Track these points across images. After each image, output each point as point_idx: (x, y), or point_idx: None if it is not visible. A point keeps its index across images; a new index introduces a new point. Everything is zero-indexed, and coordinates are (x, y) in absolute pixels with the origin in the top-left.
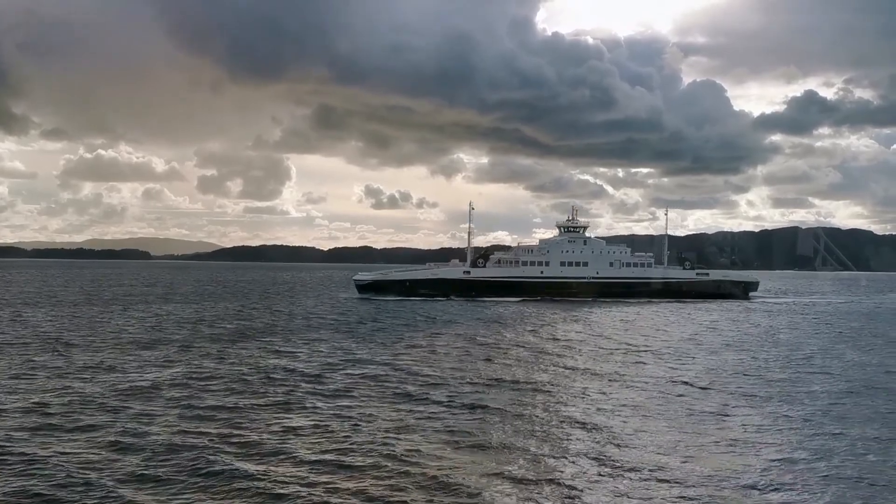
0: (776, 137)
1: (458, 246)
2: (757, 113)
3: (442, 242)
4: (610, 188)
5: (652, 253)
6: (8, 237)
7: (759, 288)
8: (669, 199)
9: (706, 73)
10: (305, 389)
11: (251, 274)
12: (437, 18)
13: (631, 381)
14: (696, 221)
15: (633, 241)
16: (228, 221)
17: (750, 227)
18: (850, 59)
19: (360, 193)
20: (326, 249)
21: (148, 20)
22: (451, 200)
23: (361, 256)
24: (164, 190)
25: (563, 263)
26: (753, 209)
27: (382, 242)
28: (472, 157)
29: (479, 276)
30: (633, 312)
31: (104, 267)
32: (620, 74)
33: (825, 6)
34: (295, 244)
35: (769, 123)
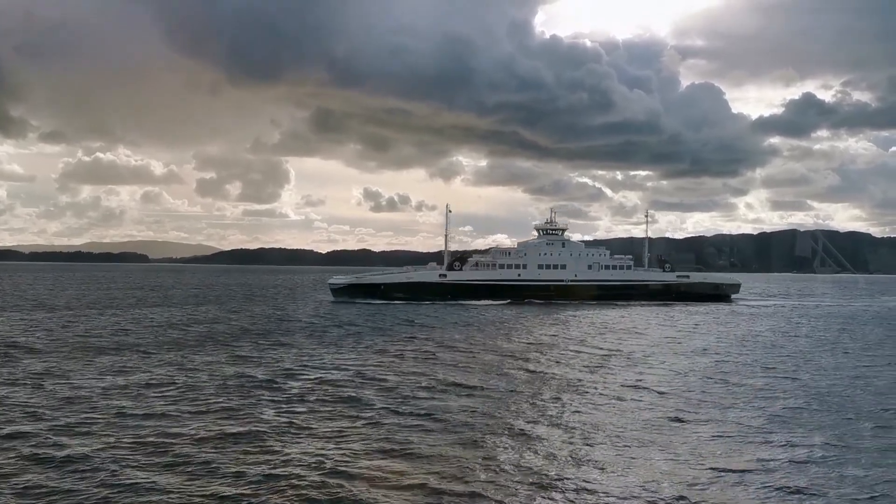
0: (774, 140)
1: (457, 249)
2: (755, 116)
3: (441, 245)
4: (609, 191)
5: (632, 255)
6: (6, 240)
7: (740, 290)
8: (668, 201)
9: (704, 75)
10: (256, 396)
11: (244, 277)
12: (435, 21)
13: (589, 387)
14: (694, 224)
15: (631, 243)
16: (227, 224)
17: (749, 229)
18: (847, 61)
19: (358, 196)
20: (325, 252)
21: (146, 23)
22: (450, 203)
23: (360, 259)
24: (162, 193)
25: (540, 266)
26: (752, 212)
27: (381, 245)
28: (470, 159)
29: (455, 279)
30: (609, 315)
31: (100, 270)
32: (619, 77)
33: (823, 9)
34: (294, 247)
35: (767, 126)
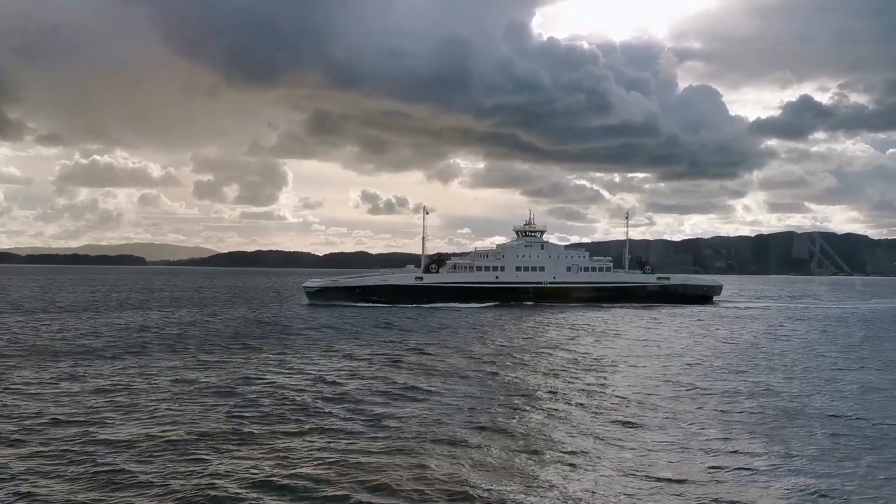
0: (772, 142)
1: (455, 251)
2: (752, 118)
3: (439, 248)
4: (606, 193)
5: (611, 257)
6: (4, 243)
7: (722, 292)
8: (666, 203)
9: (702, 78)
10: (203, 402)
11: (237, 280)
12: (433, 24)
13: (548, 392)
14: (692, 226)
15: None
16: (225, 227)
17: (746, 231)
18: (844, 64)
19: (356, 198)
20: (322, 255)
21: (144, 25)
22: (448, 205)
23: (357, 261)
24: (160, 195)
25: (518, 268)
26: (750, 214)
27: (379, 247)
28: (468, 162)
29: (431, 282)
30: (585, 318)
31: (94, 273)
32: (616, 79)
33: (820, 12)
34: (291, 249)
35: (765, 128)
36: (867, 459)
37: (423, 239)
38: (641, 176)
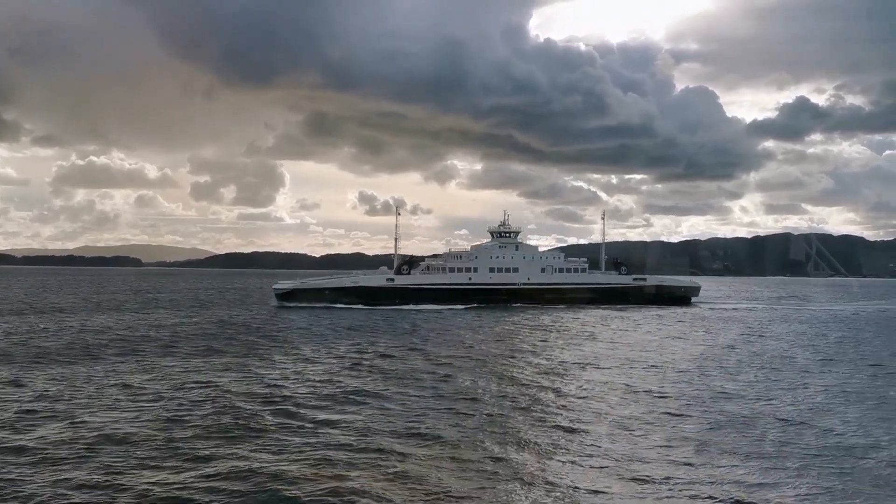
0: (769, 144)
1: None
2: (749, 119)
3: (436, 249)
4: (604, 194)
5: (586, 258)
6: (1, 245)
7: (700, 293)
8: (663, 205)
9: (698, 79)
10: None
11: (228, 281)
12: (430, 25)
13: (497, 397)
14: (689, 227)
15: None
16: (223, 228)
17: (743, 232)
18: (841, 65)
19: (353, 200)
20: (318, 256)
21: (141, 26)
22: (445, 207)
23: (354, 263)
24: (157, 196)
25: (492, 269)
26: (747, 215)
27: (377, 249)
28: (465, 163)
29: (403, 283)
30: (558, 319)
31: (88, 274)
32: (613, 81)
33: (816, 13)
34: (289, 251)
35: (761, 129)
36: (814, 472)
37: (395, 240)
38: (638, 177)
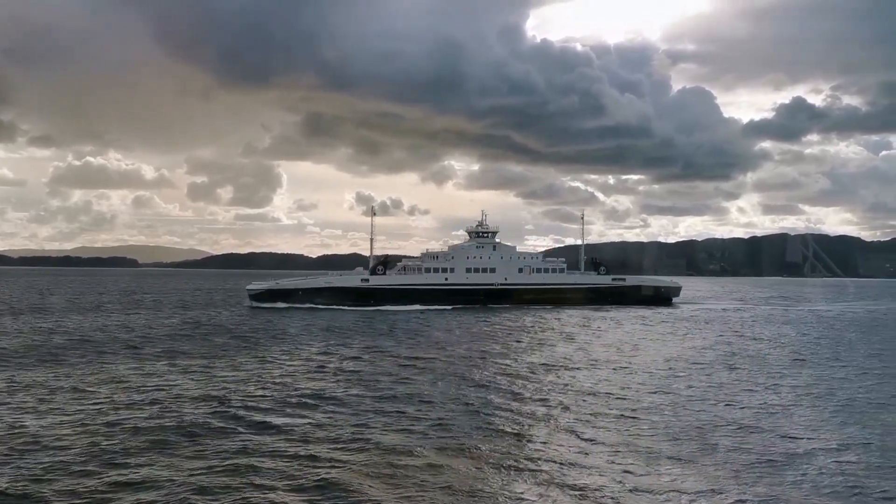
0: (766, 144)
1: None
2: (746, 120)
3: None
4: (601, 195)
5: (564, 258)
6: None
7: (681, 294)
8: (660, 205)
9: (695, 80)
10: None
11: (220, 282)
12: (426, 25)
13: (458, 400)
14: (687, 228)
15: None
16: (220, 229)
17: (740, 233)
18: (838, 66)
19: (350, 200)
20: (315, 256)
21: (137, 27)
22: (442, 207)
23: (350, 263)
24: (154, 197)
25: (468, 270)
26: (744, 216)
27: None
28: (462, 163)
29: (377, 284)
30: (532, 320)
31: (81, 275)
32: (610, 81)
33: (813, 14)
34: (286, 251)
35: (758, 130)
36: (753, 479)
37: (371, 240)
38: (636, 178)
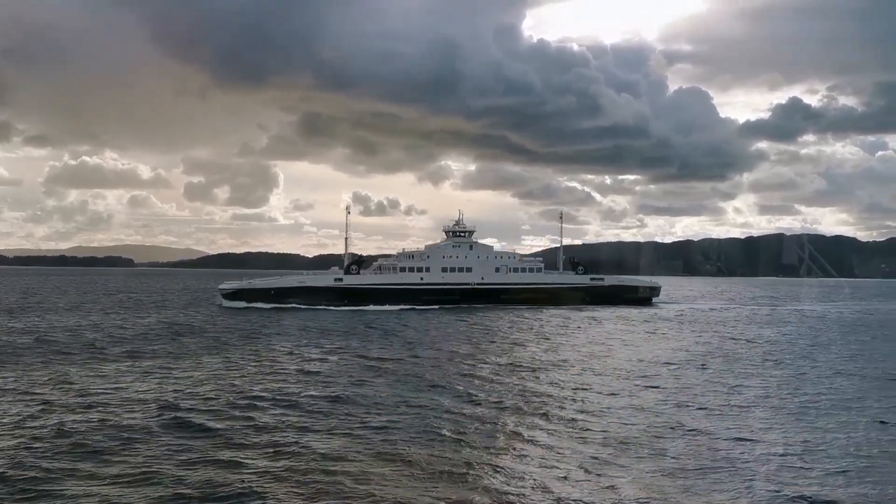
0: (762, 144)
1: None
2: (742, 120)
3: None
4: (597, 195)
5: (542, 258)
6: None
7: (661, 293)
8: (657, 205)
9: (691, 80)
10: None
11: (212, 281)
12: (423, 25)
13: (408, 401)
14: (683, 228)
15: (620, 247)
16: (217, 229)
17: (737, 233)
18: (833, 66)
19: (347, 200)
20: (311, 256)
21: (134, 27)
22: (439, 207)
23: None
24: (150, 197)
25: (444, 269)
26: (740, 216)
27: (371, 250)
28: (459, 164)
29: (351, 283)
30: (507, 320)
31: (74, 275)
32: (606, 81)
33: (809, 14)
34: (283, 251)
35: (754, 130)
36: (703, 488)
37: (346, 239)
38: (632, 178)
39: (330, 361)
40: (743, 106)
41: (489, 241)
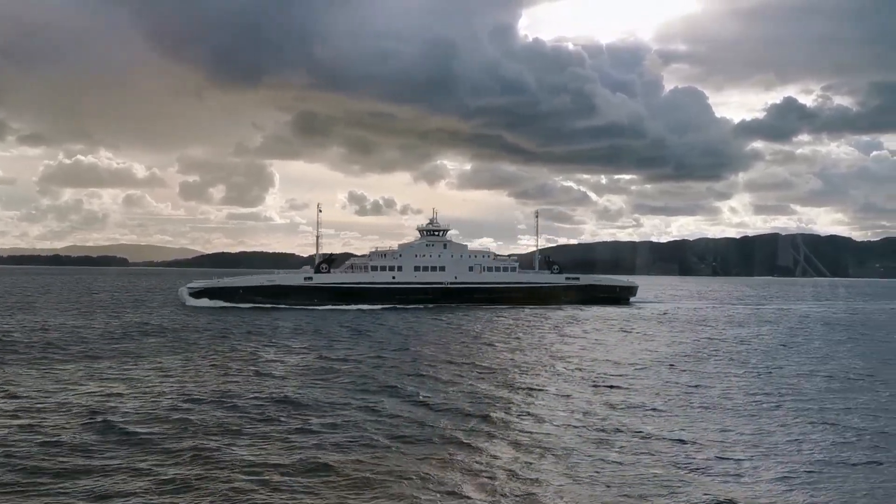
0: (757, 144)
1: None
2: (737, 120)
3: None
4: (593, 195)
5: (517, 257)
6: None
7: (637, 293)
8: (653, 205)
9: (687, 80)
10: None
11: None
12: (419, 25)
13: (360, 401)
14: (679, 228)
15: (616, 247)
16: (212, 228)
17: (733, 233)
18: (828, 66)
19: (343, 200)
20: (306, 256)
21: (129, 26)
22: (437, 207)
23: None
24: (145, 196)
25: (417, 268)
26: (736, 216)
27: (367, 249)
28: (455, 163)
29: (321, 282)
30: (478, 320)
31: (66, 274)
32: (602, 81)
33: (803, 15)
34: (278, 251)
35: (749, 130)
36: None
37: (317, 238)
38: (628, 178)
39: (287, 363)
40: (738, 106)
41: (485, 240)
